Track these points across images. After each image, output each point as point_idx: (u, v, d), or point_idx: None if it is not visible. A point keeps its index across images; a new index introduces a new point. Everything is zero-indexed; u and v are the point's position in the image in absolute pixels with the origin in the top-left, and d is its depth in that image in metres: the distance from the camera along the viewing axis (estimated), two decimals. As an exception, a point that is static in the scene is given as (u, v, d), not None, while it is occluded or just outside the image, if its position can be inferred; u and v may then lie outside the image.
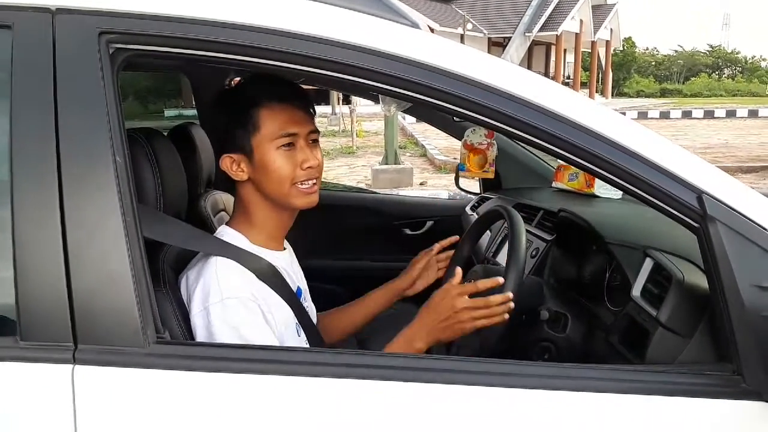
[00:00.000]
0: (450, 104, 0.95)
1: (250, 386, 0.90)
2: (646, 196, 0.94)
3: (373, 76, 0.93)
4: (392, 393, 0.91)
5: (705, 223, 0.92)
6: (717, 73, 46.14)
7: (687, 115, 19.79)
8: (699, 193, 0.92)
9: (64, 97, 0.88)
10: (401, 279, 1.43)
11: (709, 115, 19.76)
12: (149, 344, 0.88)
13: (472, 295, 1.13)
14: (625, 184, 0.94)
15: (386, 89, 0.96)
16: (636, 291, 1.19)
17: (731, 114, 19.91)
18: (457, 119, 2.19)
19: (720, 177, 0.96)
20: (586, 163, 0.95)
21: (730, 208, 0.92)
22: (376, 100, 1.59)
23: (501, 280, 1.16)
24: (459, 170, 2.32)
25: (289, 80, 1.18)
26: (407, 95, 0.95)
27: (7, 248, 0.87)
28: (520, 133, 0.94)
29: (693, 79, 41.14)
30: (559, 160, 2.16)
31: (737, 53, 50.40)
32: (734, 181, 0.97)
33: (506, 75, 0.95)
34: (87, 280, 0.87)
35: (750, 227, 0.92)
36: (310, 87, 1.55)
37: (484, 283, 1.14)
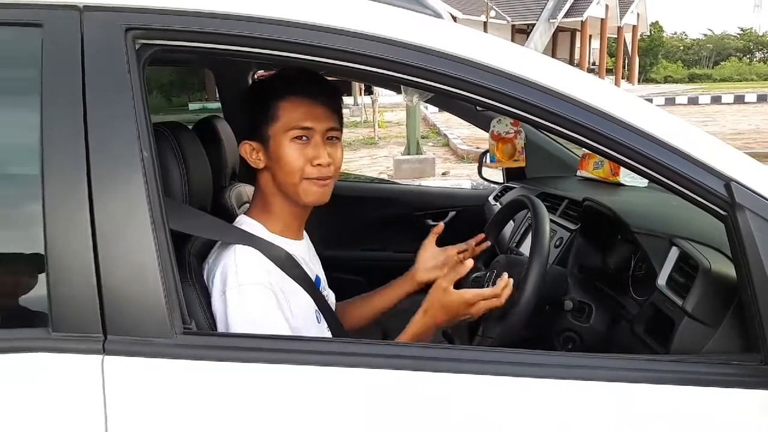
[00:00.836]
0: (473, 94, 0.94)
1: (276, 376, 0.91)
2: (672, 184, 0.93)
3: (395, 66, 0.93)
4: (411, 382, 0.92)
5: (733, 211, 0.90)
6: (748, 56, 44.94)
7: (716, 100, 19.32)
8: (727, 181, 0.91)
9: (92, 93, 0.90)
10: (408, 276, 1.42)
11: (739, 100, 19.27)
12: (176, 335, 0.90)
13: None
14: (650, 172, 0.93)
15: (409, 80, 0.96)
16: (661, 280, 1.18)
17: (762, 99, 19.37)
18: (480, 108, 2.18)
19: (748, 164, 0.94)
20: (610, 151, 0.94)
21: (760, 195, 0.90)
22: (398, 90, 1.59)
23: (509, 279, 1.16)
24: (489, 161, 2.31)
25: (317, 75, 1.19)
26: (430, 85, 0.95)
27: (38, 241, 0.89)
28: (544, 122, 0.93)
29: (723, 63, 40.15)
30: (583, 149, 2.14)
31: (769, 36, 49.03)
32: (764, 168, 0.95)
33: (530, 64, 0.95)
34: (116, 273, 0.89)
35: None
36: (332, 78, 1.56)
37: (493, 291, 1.16)
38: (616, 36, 27.26)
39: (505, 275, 1.16)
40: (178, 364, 0.90)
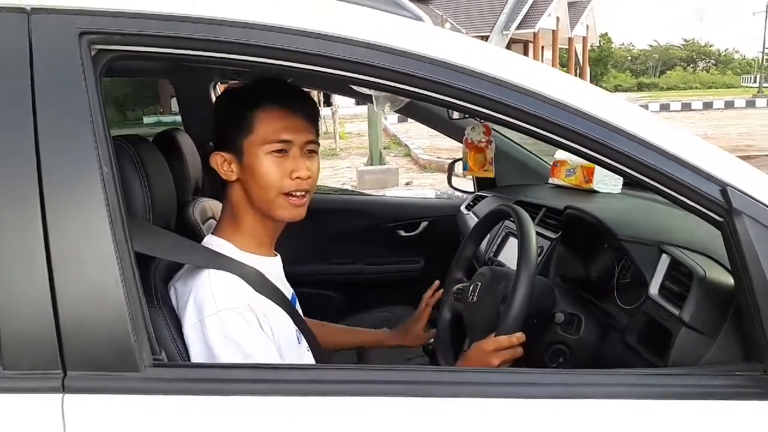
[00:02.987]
0: (456, 99, 0.90)
1: (254, 408, 0.84)
2: (667, 190, 0.90)
3: (374, 71, 0.88)
4: (405, 408, 0.86)
5: (730, 217, 0.87)
6: (691, 66, 46.73)
7: (664, 108, 19.95)
8: (723, 186, 0.88)
9: (43, 103, 0.81)
10: (393, 334, 1.50)
11: (686, 107, 19.97)
12: (145, 367, 0.82)
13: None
14: (644, 178, 0.90)
15: (389, 85, 0.90)
16: (654, 289, 1.15)
17: (708, 106, 20.15)
18: (457, 117, 2.14)
19: (745, 169, 0.92)
20: (603, 158, 0.90)
21: (757, 200, 0.88)
22: (359, 101, 1.57)
23: (522, 337, 1.14)
24: (463, 169, 2.27)
25: (295, 86, 1.14)
26: (405, 89, 0.90)
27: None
28: (537, 129, 0.89)
29: (668, 72, 41.67)
30: (555, 156, 2.13)
31: (711, 46, 51.12)
32: (760, 173, 0.93)
33: (520, 69, 0.91)
34: (75, 301, 0.81)
35: None
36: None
37: (509, 340, 1.12)
38: (567, 47, 27.95)
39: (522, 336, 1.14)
40: (147, 400, 0.82)
